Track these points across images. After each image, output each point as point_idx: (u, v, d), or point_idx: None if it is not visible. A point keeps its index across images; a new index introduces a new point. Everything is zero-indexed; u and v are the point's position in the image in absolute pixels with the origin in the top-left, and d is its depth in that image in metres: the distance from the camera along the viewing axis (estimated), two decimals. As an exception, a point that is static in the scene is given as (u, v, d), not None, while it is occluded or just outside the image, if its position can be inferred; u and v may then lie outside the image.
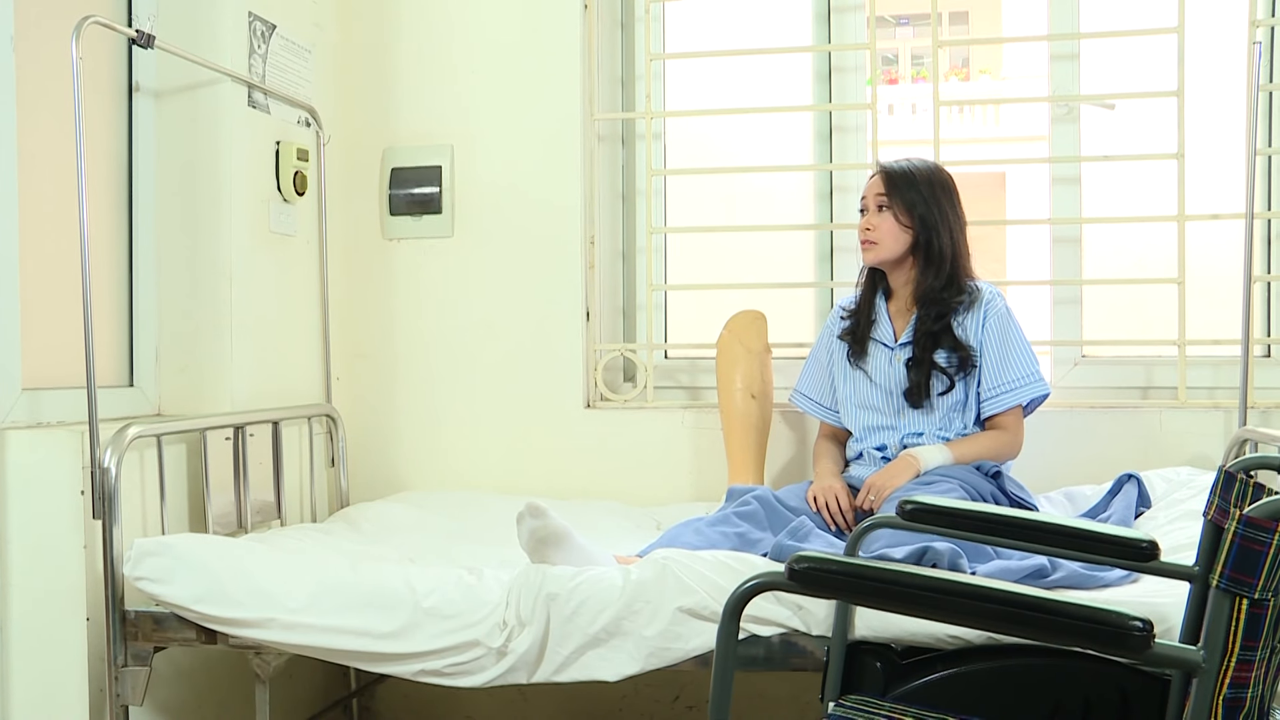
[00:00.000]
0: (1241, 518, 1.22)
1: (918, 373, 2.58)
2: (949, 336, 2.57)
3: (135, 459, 2.35)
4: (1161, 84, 2.98)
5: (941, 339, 2.57)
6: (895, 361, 2.63)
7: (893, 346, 2.65)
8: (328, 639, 2.09)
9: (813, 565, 1.32)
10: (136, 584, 2.17)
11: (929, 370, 2.57)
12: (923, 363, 2.57)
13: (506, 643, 2.03)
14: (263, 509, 2.73)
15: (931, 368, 2.57)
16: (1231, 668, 1.24)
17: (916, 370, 2.58)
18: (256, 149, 2.82)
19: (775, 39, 3.30)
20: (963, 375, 2.57)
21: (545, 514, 2.13)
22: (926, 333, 2.58)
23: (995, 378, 2.57)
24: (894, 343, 2.65)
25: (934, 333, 2.57)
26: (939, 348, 2.57)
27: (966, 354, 2.56)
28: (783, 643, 2.01)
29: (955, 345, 2.57)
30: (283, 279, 2.94)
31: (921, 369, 2.57)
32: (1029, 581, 2.01)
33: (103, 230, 2.63)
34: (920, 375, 2.57)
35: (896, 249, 2.61)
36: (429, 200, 3.22)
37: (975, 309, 2.59)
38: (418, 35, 3.24)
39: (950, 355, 2.57)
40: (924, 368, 2.57)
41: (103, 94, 2.64)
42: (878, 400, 2.66)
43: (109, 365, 2.65)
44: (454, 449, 3.23)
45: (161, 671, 2.38)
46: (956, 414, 2.60)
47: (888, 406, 2.65)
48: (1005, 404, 2.57)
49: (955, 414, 2.60)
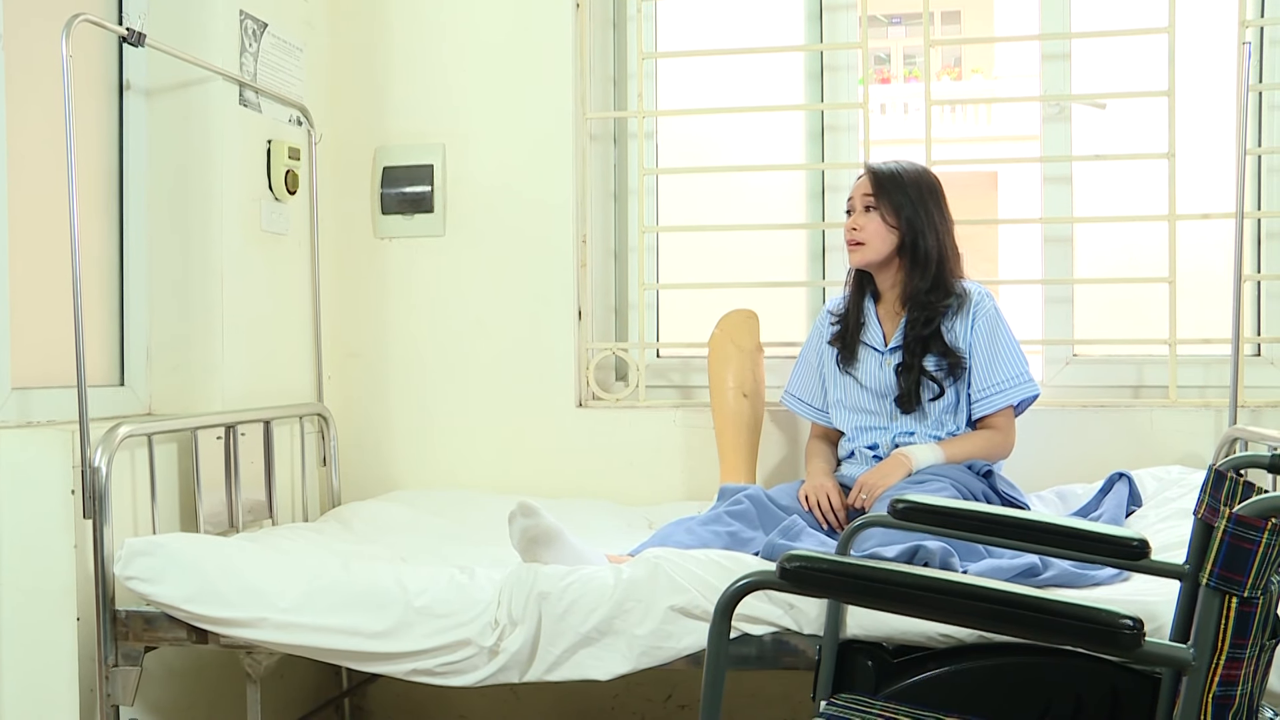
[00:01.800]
0: (1231, 516, 1.23)
1: (907, 379, 2.58)
2: (938, 342, 2.57)
3: (126, 458, 2.35)
4: (1152, 84, 2.99)
5: (931, 344, 2.57)
6: (885, 366, 2.63)
7: (883, 351, 2.65)
8: (319, 638, 2.10)
9: (804, 564, 1.33)
10: (127, 583, 2.16)
11: (919, 377, 2.57)
12: (912, 369, 2.58)
13: (498, 642, 2.04)
14: (254, 508, 2.73)
15: (921, 374, 2.57)
16: (1221, 665, 1.24)
17: (906, 376, 2.58)
18: (248, 148, 2.82)
19: (767, 38, 3.30)
20: (952, 380, 2.58)
21: (537, 513, 2.13)
22: (916, 338, 2.58)
23: (985, 379, 2.58)
24: (884, 347, 2.65)
25: (923, 338, 2.57)
26: (928, 353, 2.57)
27: (956, 359, 2.56)
28: (774, 641, 2.01)
29: (944, 351, 2.57)
30: (274, 278, 2.93)
31: (911, 375, 2.58)
32: (1020, 580, 2.02)
33: (93, 229, 2.63)
34: (910, 382, 2.58)
35: (883, 250, 2.61)
36: (421, 199, 3.22)
37: (964, 312, 2.59)
38: (410, 34, 3.24)
39: (940, 361, 2.57)
40: (914, 374, 2.57)
41: (93, 92, 2.64)
42: (869, 403, 2.66)
43: (100, 364, 2.64)
44: (446, 448, 3.23)
45: (152, 671, 2.38)
46: (949, 416, 2.60)
47: (879, 410, 2.65)
48: (995, 405, 2.58)
49: (947, 416, 2.60)
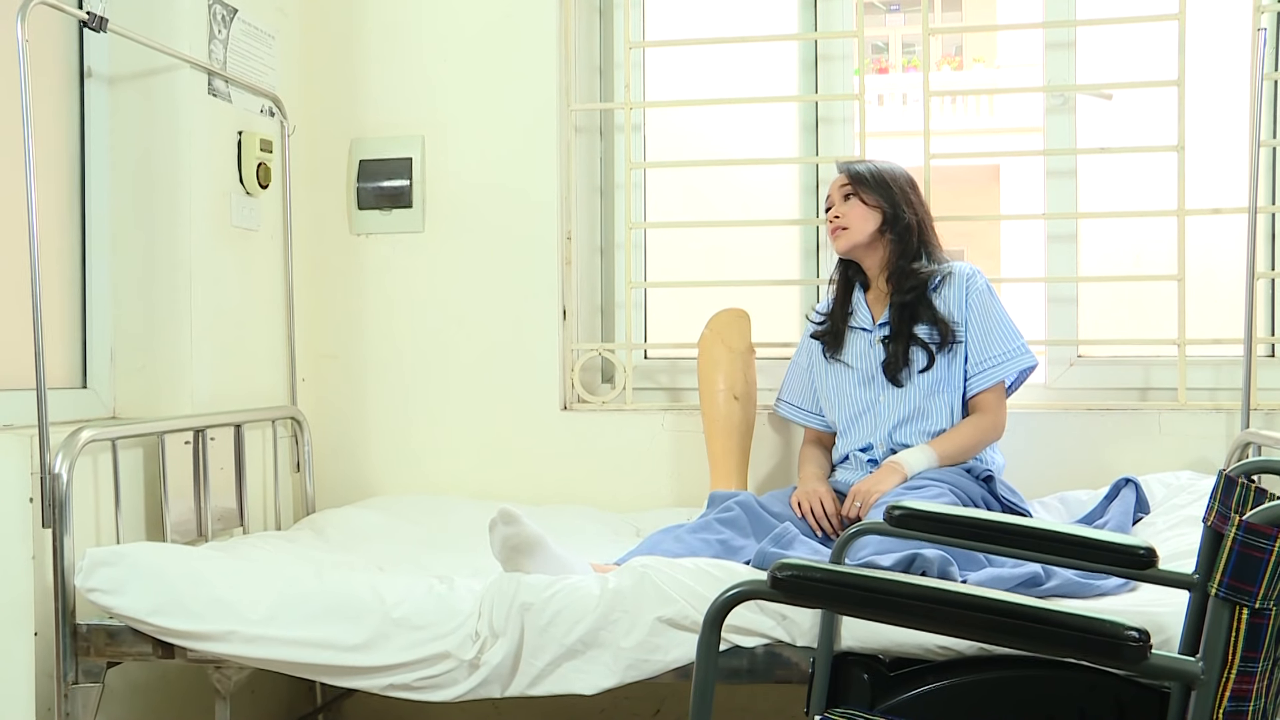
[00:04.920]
0: (1241, 523, 1.22)
1: (896, 345, 2.62)
2: (929, 310, 2.61)
3: (88, 464, 2.34)
4: (1161, 73, 2.99)
5: (920, 312, 2.62)
6: (875, 343, 2.68)
7: (871, 329, 2.69)
8: (292, 652, 2.09)
9: (797, 573, 1.32)
10: (89, 596, 2.15)
11: (907, 343, 2.61)
12: (900, 335, 2.62)
13: (479, 655, 2.03)
14: (224, 516, 2.72)
15: (910, 341, 2.61)
16: (1232, 680, 1.24)
17: (895, 343, 2.62)
18: (217, 139, 2.80)
19: (759, 26, 3.30)
20: (945, 350, 2.60)
21: (519, 521, 2.12)
22: (902, 304, 2.63)
23: (980, 353, 2.61)
24: (873, 325, 2.69)
25: (911, 304, 2.62)
26: (919, 321, 2.61)
27: (947, 327, 2.60)
28: (766, 654, 2.01)
29: (935, 319, 2.60)
30: (245, 275, 2.92)
31: (900, 342, 2.62)
32: (1022, 590, 2.02)
33: (53, 223, 2.61)
34: (899, 348, 2.61)
35: (867, 229, 2.66)
36: (399, 194, 3.21)
37: (955, 284, 2.63)
38: (386, 21, 3.23)
39: (931, 330, 2.61)
40: (902, 341, 2.62)
41: (52, 80, 2.62)
42: (859, 386, 2.68)
43: (60, 365, 2.62)
44: (425, 453, 3.22)
45: (115, 688, 2.37)
46: (940, 391, 2.61)
47: (869, 390, 2.66)
48: (992, 379, 2.61)
49: (938, 391, 2.61)
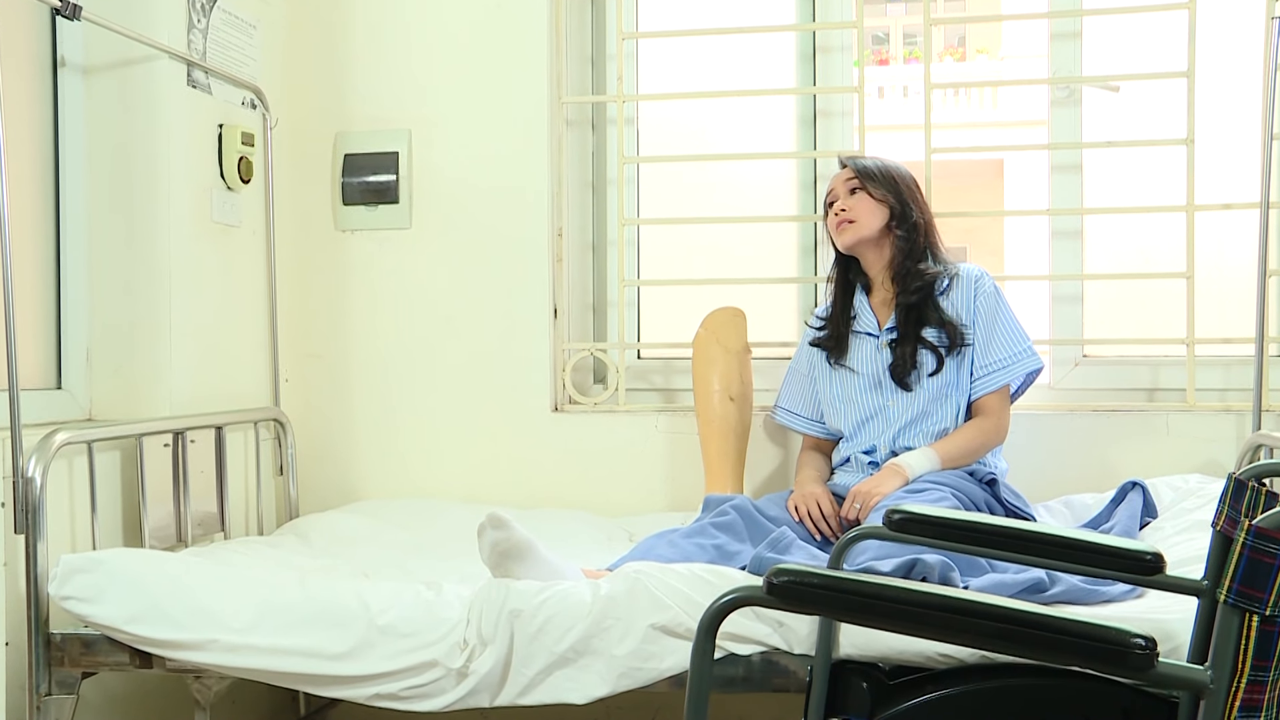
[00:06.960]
0: (1250, 528, 1.22)
1: (904, 349, 2.62)
2: (936, 312, 2.62)
3: (63, 467, 2.33)
4: (1170, 64, 3.00)
5: (928, 315, 2.62)
6: (881, 348, 2.67)
7: (878, 334, 2.69)
8: (274, 661, 2.08)
9: (793, 579, 1.32)
10: (63, 604, 2.14)
11: (915, 346, 2.61)
12: (908, 338, 2.62)
13: (467, 663, 2.03)
14: (204, 521, 2.71)
15: (919, 344, 2.61)
16: (1242, 689, 1.23)
17: (902, 346, 2.62)
18: (197, 132, 2.79)
19: (756, 17, 3.29)
20: (954, 354, 2.60)
21: (508, 525, 2.12)
22: (909, 306, 2.63)
23: (986, 356, 2.62)
24: (879, 330, 2.69)
25: (918, 306, 2.62)
26: (927, 324, 2.62)
27: (956, 330, 2.60)
28: (763, 662, 2.01)
29: (943, 321, 2.61)
30: (226, 273, 2.91)
31: (907, 345, 2.62)
32: (1025, 596, 2.02)
33: (26, 217, 2.60)
34: (907, 351, 2.61)
35: (875, 224, 2.67)
36: (385, 189, 3.21)
37: (963, 285, 2.64)
38: (372, 10, 3.22)
39: (939, 332, 2.61)
40: (910, 343, 2.62)
41: (23, 69, 2.61)
42: (865, 392, 2.68)
43: (34, 365, 2.61)
44: (411, 455, 3.22)
45: (90, 700, 2.36)
46: (947, 395, 2.61)
47: (876, 395, 2.66)
48: (998, 381, 2.62)
49: (946, 395, 2.61)
